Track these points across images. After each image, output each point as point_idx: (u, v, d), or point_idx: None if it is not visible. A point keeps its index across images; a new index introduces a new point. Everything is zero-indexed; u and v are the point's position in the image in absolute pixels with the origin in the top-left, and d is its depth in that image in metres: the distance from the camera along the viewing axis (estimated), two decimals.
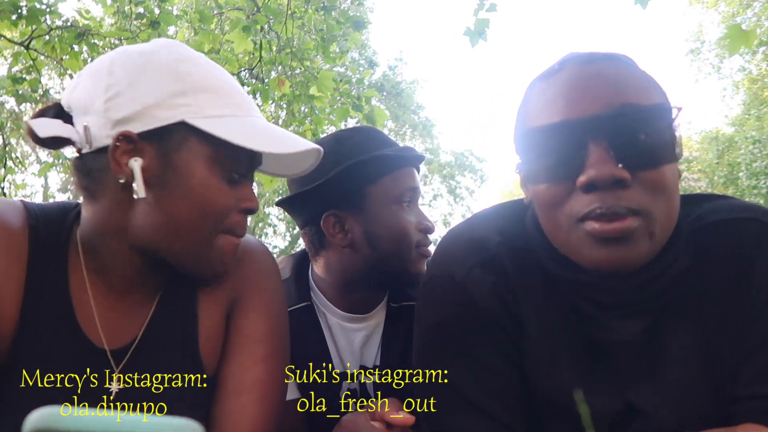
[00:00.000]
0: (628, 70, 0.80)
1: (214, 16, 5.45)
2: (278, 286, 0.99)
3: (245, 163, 0.87)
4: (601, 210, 0.74)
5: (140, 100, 0.80)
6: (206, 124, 0.81)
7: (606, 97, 0.76)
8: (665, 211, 0.76)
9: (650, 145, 0.75)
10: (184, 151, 0.82)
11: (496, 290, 0.86)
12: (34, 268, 0.85)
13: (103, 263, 0.87)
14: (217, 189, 0.83)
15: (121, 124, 0.80)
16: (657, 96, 0.80)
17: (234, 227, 0.87)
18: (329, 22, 4.98)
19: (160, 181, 0.81)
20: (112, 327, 0.88)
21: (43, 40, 4.29)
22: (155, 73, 0.82)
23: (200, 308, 0.92)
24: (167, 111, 0.81)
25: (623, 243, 0.74)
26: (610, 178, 0.73)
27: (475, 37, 3.57)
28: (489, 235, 0.90)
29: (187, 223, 0.83)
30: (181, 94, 0.81)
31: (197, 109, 0.82)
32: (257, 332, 0.93)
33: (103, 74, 0.83)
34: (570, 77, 0.79)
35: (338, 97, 5.18)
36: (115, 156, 0.80)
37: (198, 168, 0.82)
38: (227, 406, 0.89)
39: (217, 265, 0.86)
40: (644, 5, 3.09)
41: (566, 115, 0.77)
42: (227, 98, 0.85)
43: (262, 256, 0.99)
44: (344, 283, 1.28)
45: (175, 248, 0.84)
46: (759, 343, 0.79)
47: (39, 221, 0.88)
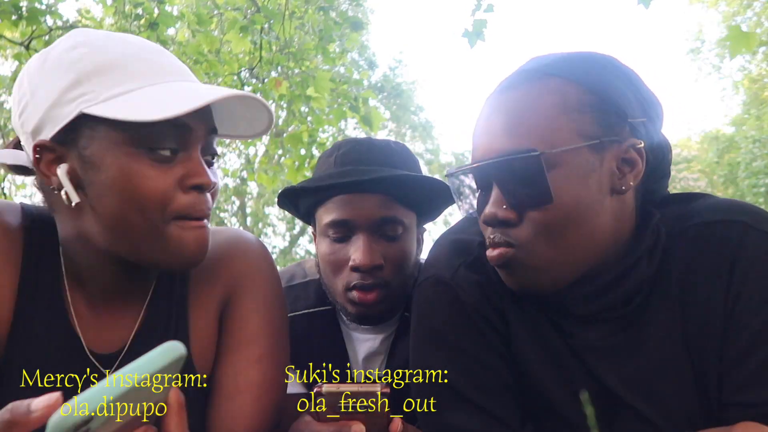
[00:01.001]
0: (532, 98, 0.82)
1: (213, 17, 5.45)
2: (273, 283, 0.95)
3: (172, 136, 0.75)
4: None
5: (41, 104, 0.76)
6: (103, 109, 0.73)
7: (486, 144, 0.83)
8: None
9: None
10: (95, 144, 0.75)
11: (482, 289, 0.90)
12: (28, 269, 0.84)
13: (82, 270, 0.85)
14: (142, 175, 0.74)
15: (35, 135, 0.77)
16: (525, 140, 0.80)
17: (185, 210, 0.76)
18: (327, 23, 4.98)
19: (87, 182, 0.76)
20: (102, 331, 0.86)
21: (43, 40, 4.29)
22: (51, 70, 0.77)
23: (191, 309, 0.90)
24: (66, 107, 0.74)
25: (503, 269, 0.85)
26: (494, 220, 0.82)
27: (474, 38, 3.58)
28: (471, 237, 0.94)
29: (126, 219, 0.75)
30: (75, 85, 0.74)
31: (93, 95, 0.74)
32: (252, 332, 0.90)
33: (15, 90, 0.80)
34: (483, 109, 0.88)
35: (336, 98, 5.19)
36: (40, 168, 0.78)
37: (113, 157, 0.74)
38: (223, 408, 0.87)
39: (183, 255, 0.78)
40: (647, 5, 3.08)
41: (472, 156, 0.87)
42: (125, 73, 0.75)
43: (255, 251, 0.95)
44: None
45: (128, 247, 0.78)
46: (744, 349, 0.79)
47: (35, 223, 0.87)
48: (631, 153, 0.82)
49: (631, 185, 0.82)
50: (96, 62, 0.75)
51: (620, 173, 0.82)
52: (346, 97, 5.12)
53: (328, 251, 1.16)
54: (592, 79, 0.82)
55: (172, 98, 0.73)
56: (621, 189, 0.81)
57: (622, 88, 0.83)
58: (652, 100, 0.86)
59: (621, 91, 0.82)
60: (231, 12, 4.93)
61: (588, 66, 0.83)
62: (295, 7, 5.03)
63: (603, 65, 0.84)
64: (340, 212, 1.13)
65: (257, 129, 0.86)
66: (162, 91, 0.75)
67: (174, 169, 0.76)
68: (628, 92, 0.83)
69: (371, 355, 1.28)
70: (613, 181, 0.81)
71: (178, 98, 0.73)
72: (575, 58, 0.85)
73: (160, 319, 0.89)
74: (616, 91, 0.82)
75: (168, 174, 0.75)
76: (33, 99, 0.77)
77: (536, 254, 0.81)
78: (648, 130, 0.84)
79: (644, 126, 0.83)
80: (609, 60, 0.86)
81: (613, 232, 0.82)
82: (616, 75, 0.84)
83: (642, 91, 0.85)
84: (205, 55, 5.04)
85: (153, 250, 0.77)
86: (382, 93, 17.34)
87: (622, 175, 0.82)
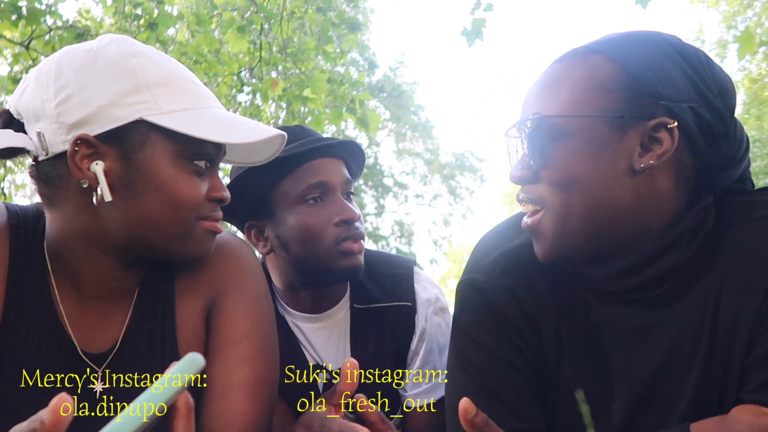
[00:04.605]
0: (568, 71, 0.86)
1: (213, 17, 5.45)
2: (259, 283, 0.96)
3: (210, 154, 0.85)
4: None
5: (93, 101, 0.78)
6: (166, 120, 0.79)
7: (527, 103, 0.88)
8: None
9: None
10: (147, 150, 0.80)
11: (515, 295, 0.92)
12: (16, 269, 0.84)
13: (73, 268, 0.85)
14: (187, 182, 0.82)
15: (77, 128, 0.78)
16: (563, 104, 0.84)
17: (209, 214, 0.87)
18: (325, 24, 4.98)
19: (126, 182, 0.80)
20: (91, 330, 0.86)
21: (43, 41, 4.29)
22: (105, 71, 0.80)
23: (178, 309, 0.90)
24: (123, 110, 0.79)
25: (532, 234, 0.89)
26: (513, 178, 0.88)
27: (472, 36, 3.58)
28: (513, 236, 0.96)
29: (164, 219, 0.82)
30: (135, 91, 0.79)
31: (154, 105, 0.80)
32: (240, 331, 0.91)
33: (50, 78, 0.80)
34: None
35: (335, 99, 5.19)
36: (75, 161, 0.78)
37: (163, 165, 0.81)
38: (216, 407, 0.87)
39: (202, 247, 0.87)
40: (644, 5, 3.09)
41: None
42: (182, 91, 0.83)
43: (240, 253, 0.96)
44: (285, 284, 1.27)
45: (155, 243, 0.84)
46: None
47: (19, 222, 0.87)
48: (660, 132, 0.80)
49: (652, 164, 0.80)
50: (156, 75, 0.82)
51: (643, 151, 0.81)
52: (344, 99, 5.12)
53: (307, 215, 1.19)
54: (632, 59, 0.83)
55: (221, 125, 0.84)
56: (639, 167, 0.81)
57: (670, 70, 0.82)
58: (715, 86, 0.84)
59: (666, 73, 0.82)
60: (229, 12, 4.92)
61: (634, 46, 0.84)
62: (294, 7, 5.03)
63: (654, 46, 0.84)
64: (316, 176, 1.20)
65: (262, 156, 0.96)
66: (211, 115, 0.84)
67: (204, 180, 0.85)
68: (677, 75, 0.82)
69: (327, 349, 1.28)
70: (633, 158, 0.81)
71: (227, 125, 0.84)
72: (625, 38, 0.86)
73: (148, 317, 0.89)
74: (660, 73, 0.81)
75: (202, 184, 0.85)
76: (82, 92, 0.79)
77: (554, 216, 0.84)
78: (699, 115, 0.82)
79: (692, 110, 0.81)
80: (666, 41, 0.85)
81: (636, 212, 0.82)
82: (666, 56, 0.83)
83: (701, 76, 0.83)
84: (205, 55, 5.05)
85: (177, 243, 0.85)
86: (383, 93, 17.36)
87: (645, 153, 0.81)
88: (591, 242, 0.84)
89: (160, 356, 0.88)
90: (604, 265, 0.86)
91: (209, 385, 0.89)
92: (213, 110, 0.85)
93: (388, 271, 1.30)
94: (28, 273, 0.85)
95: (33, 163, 0.83)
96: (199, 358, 0.56)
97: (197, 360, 0.55)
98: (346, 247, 1.18)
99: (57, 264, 0.86)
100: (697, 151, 0.83)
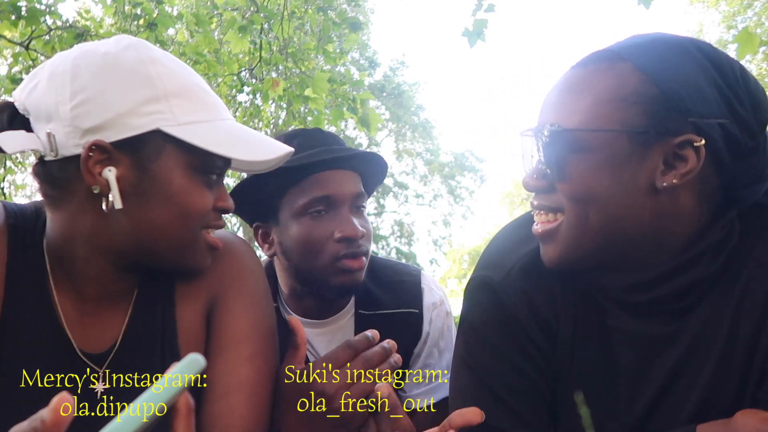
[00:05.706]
0: (591, 78, 0.81)
1: (213, 17, 5.46)
2: (260, 283, 0.96)
3: (221, 167, 0.86)
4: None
5: (111, 107, 0.77)
6: (183, 133, 0.80)
7: (544, 112, 0.86)
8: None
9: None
10: (162, 160, 0.80)
11: (529, 299, 0.90)
12: (14, 269, 0.84)
13: (72, 269, 0.85)
14: (198, 194, 0.83)
15: (92, 133, 0.77)
16: (581, 116, 0.80)
17: (213, 222, 0.88)
18: (326, 23, 4.98)
19: (138, 190, 0.80)
20: (89, 330, 0.86)
21: (43, 41, 4.30)
22: (124, 77, 0.79)
23: (178, 309, 0.90)
24: (140, 119, 0.78)
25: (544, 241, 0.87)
26: (528, 186, 0.87)
27: (474, 37, 3.58)
28: (532, 235, 0.91)
29: (172, 228, 0.82)
30: (153, 101, 0.79)
31: (171, 116, 0.79)
32: (240, 331, 0.91)
33: (66, 78, 0.79)
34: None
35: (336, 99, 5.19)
36: (87, 166, 0.77)
37: (177, 176, 0.81)
38: (216, 407, 0.87)
39: (202, 260, 0.88)
40: (648, 5, 3.09)
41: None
42: (198, 101, 0.83)
43: (241, 252, 0.96)
44: (290, 289, 1.26)
45: (160, 251, 0.84)
46: None
47: (18, 222, 0.86)
48: (685, 149, 0.76)
49: (675, 183, 0.77)
50: (174, 85, 0.81)
51: (667, 169, 0.77)
52: (344, 98, 5.12)
53: (309, 228, 1.17)
54: (662, 71, 0.77)
55: (236, 139, 0.84)
56: (662, 186, 0.77)
57: (702, 83, 0.77)
58: (747, 99, 0.79)
59: (697, 87, 0.77)
60: (230, 12, 4.93)
61: (665, 55, 0.79)
62: (294, 7, 5.03)
63: (686, 56, 0.79)
64: (322, 189, 1.17)
65: (265, 166, 0.94)
66: (225, 128, 0.85)
67: (212, 191, 0.86)
68: (708, 89, 0.77)
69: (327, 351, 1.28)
70: (655, 176, 0.78)
71: (241, 140, 0.84)
72: (654, 44, 0.80)
73: (148, 317, 0.89)
74: (691, 87, 0.77)
75: (211, 195, 0.85)
76: (100, 98, 0.77)
77: (569, 226, 0.82)
78: (728, 131, 0.77)
79: (721, 127, 0.77)
80: (699, 49, 0.80)
81: (655, 229, 0.80)
82: (699, 68, 0.78)
83: (734, 89, 0.78)
84: (204, 55, 5.05)
85: (180, 253, 0.85)
86: (383, 93, 17.37)
87: (668, 171, 0.77)
88: (604, 255, 0.82)
89: (160, 356, 0.88)
90: (617, 276, 0.84)
91: (209, 386, 0.88)
92: (227, 123, 0.86)
93: (397, 278, 1.30)
94: (27, 273, 0.84)
95: (38, 162, 0.82)
96: (199, 358, 0.56)
97: (198, 360, 0.55)
98: (344, 264, 1.16)
99: (56, 264, 0.86)
100: (724, 168, 0.79)
